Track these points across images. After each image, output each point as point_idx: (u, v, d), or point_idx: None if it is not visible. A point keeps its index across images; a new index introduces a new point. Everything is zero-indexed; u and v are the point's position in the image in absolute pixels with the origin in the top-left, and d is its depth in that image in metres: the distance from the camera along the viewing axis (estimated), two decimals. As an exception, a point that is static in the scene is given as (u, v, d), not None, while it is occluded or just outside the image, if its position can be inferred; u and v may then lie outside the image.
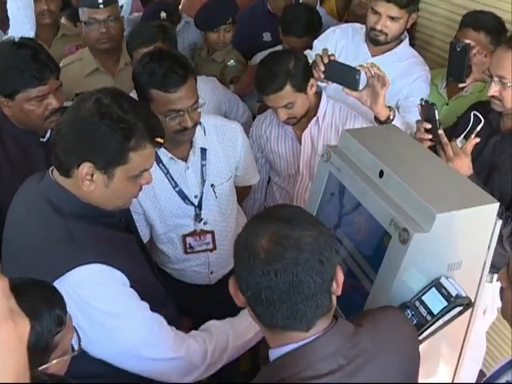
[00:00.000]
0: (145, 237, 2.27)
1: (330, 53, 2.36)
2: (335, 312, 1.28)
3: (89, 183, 1.51)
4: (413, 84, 2.72)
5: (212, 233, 2.31)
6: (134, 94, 2.69)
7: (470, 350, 2.06)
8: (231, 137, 2.30)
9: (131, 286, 1.58)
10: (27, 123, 2.15)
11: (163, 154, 2.14)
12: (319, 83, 2.53)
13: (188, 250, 2.33)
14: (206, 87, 2.80)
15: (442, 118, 2.67)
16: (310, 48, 2.95)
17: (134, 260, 1.65)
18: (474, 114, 2.00)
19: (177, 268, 2.41)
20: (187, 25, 3.63)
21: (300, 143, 2.56)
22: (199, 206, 2.26)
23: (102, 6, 2.90)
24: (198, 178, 2.23)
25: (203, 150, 2.22)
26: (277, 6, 3.56)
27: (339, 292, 1.25)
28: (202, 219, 2.28)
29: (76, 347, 1.33)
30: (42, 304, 1.23)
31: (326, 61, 2.31)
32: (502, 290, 1.39)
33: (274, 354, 1.24)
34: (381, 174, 1.62)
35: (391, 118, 2.28)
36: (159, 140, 1.58)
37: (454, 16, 2.92)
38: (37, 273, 1.39)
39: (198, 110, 2.06)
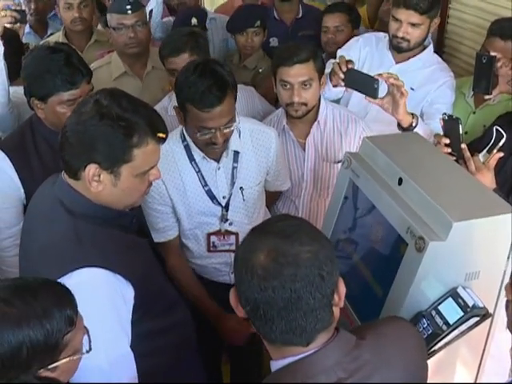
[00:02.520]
0: (173, 231, 2.30)
1: (347, 59, 2.36)
2: (349, 320, 1.27)
3: (96, 184, 1.54)
4: (437, 90, 2.70)
5: (236, 234, 2.32)
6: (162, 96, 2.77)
7: (493, 364, 2.03)
8: (265, 142, 2.31)
9: (135, 290, 1.58)
10: (59, 126, 2.16)
11: (197, 153, 2.19)
12: (336, 90, 2.54)
13: (211, 249, 2.35)
14: (242, 96, 2.82)
15: (469, 126, 2.66)
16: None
17: (143, 263, 1.66)
18: (497, 129, 1.97)
19: (199, 263, 2.42)
20: (213, 21, 3.68)
21: (303, 150, 2.56)
22: (226, 207, 2.28)
23: (129, 11, 2.96)
24: (227, 180, 2.25)
25: (236, 153, 2.24)
26: (283, 12, 3.68)
27: (341, 304, 1.24)
28: (227, 220, 2.30)
29: (87, 347, 1.35)
30: (54, 304, 1.25)
31: (344, 69, 2.31)
32: (507, 302, 1.35)
33: (274, 366, 1.23)
34: (400, 181, 1.62)
35: (414, 125, 2.27)
36: (161, 135, 1.60)
37: (483, 23, 2.88)
38: (44, 272, 1.42)
39: (232, 126, 2.08)
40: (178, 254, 2.36)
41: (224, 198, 2.27)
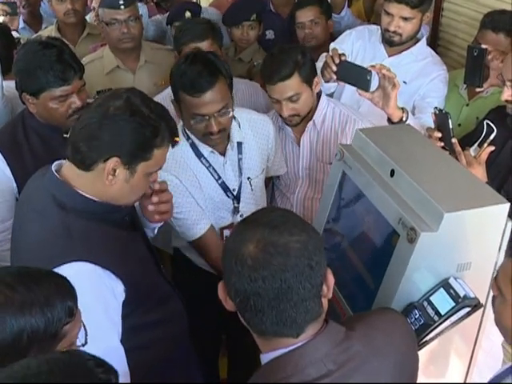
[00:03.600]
0: (206, 221, 2.27)
1: (340, 52, 2.35)
2: (342, 311, 1.27)
3: (112, 178, 1.56)
4: (429, 84, 2.71)
5: None
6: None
7: (487, 357, 2.04)
8: (264, 130, 2.34)
9: (125, 286, 1.58)
10: (51, 120, 2.19)
11: (204, 148, 2.20)
12: (328, 84, 2.53)
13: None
14: (247, 91, 2.84)
15: (463, 119, 2.67)
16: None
17: (134, 258, 1.66)
18: (487, 124, 1.98)
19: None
20: (202, 14, 3.65)
21: (299, 146, 2.55)
22: (238, 199, 2.30)
23: (122, 6, 2.95)
24: (235, 172, 2.28)
25: (239, 144, 2.27)
26: (279, 5, 3.69)
27: (330, 295, 1.25)
28: (239, 211, 2.32)
29: (83, 341, 1.35)
30: (56, 294, 1.25)
31: (337, 61, 2.30)
32: (493, 298, 1.36)
33: (264, 358, 1.23)
34: (392, 172, 1.62)
35: (404, 119, 2.27)
36: (177, 139, 1.66)
37: (478, 16, 2.86)
38: (33, 265, 1.41)
39: (229, 115, 2.09)
40: (218, 243, 2.28)
41: (234, 190, 2.29)
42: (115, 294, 1.58)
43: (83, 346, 1.35)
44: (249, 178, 2.30)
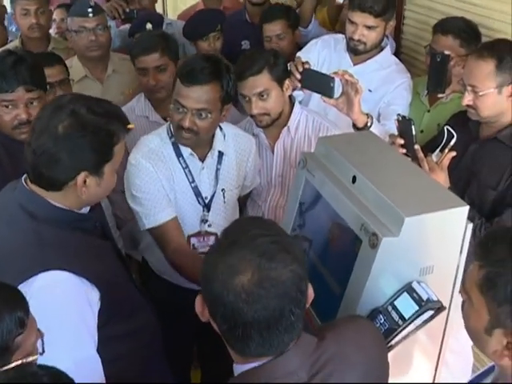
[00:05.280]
0: (171, 209, 2.23)
1: (303, 60, 2.37)
2: (309, 318, 1.28)
3: (85, 189, 1.58)
4: (394, 91, 2.74)
5: (216, 235, 2.32)
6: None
7: (457, 359, 2.06)
8: (246, 147, 2.36)
9: (101, 294, 1.58)
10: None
11: (184, 149, 2.21)
12: (295, 93, 2.55)
13: None
14: None
15: (424, 125, 2.71)
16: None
17: (107, 266, 1.66)
18: (447, 129, 2.01)
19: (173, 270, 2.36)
20: (170, 26, 3.69)
21: (273, 154, 2.56)
22: (208, 208, 2.30)
23: (91, 14, 3.03)
24: (211, 181, 2.28)
25: (220, 154, 2.27)
26: (255, 15, 3.67)
27: (308, 305, 1.25)
28: (207, 221, 2.31)
29: (40, 350, 1.33)
30: (3, 306, 1.24)
31: (300, 69, 2.33)
32: (462, 303, 1.37)
33: (237, 369, 1.23)
34: (354, 179, 1.63)
35: (369, 124, 2.30)
36: (130, 126, 1.69)
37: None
38: (6, 276, 1.41)
39: (207, 120, 2.09)
40: (180, 236, 2.27)
41: (206, 198, 2.29)
42: (91, 303, 1.58)
43: (41, 354, 1.33)
44: (223, 190, 2.30)
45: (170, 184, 2.22)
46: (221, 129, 2.26)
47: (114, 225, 2.83)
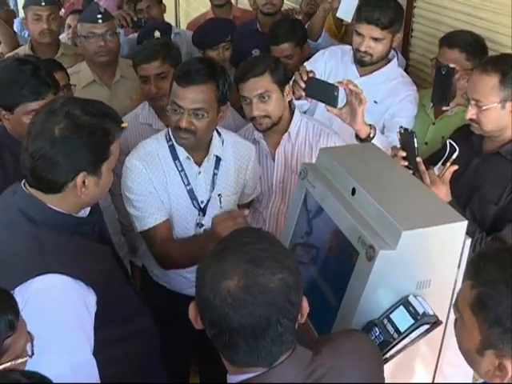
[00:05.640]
0: (162, 212, 2.25)
1: (308, 69, 2.39)
2: (305, 329, 1.26)
3: (84, 189, 1.60)
4: (399, 104, 2.74)
5: None
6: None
7: (455, 372, 2.05)
8: (245, 155, 2.37)
9: (98, 298, 1.59)
10: (24, 136, 2.20)
11: (181, 152, 2.22)
12: (300, 102, 2.57)
13: None
14: None
15: (429, 137, 2.70)
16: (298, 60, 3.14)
17: (104, 270, 1.67)
18: (450, 143, 2.01)
19: (167, 273, 2.40)
20: (178, 36, 3.74)
21: (273, 160, 2.57)
22: (203, 212, 2.30)
23: (100, 20, 3.06)
24: (207, 185, 2.29)
25: (218, 159, 2.29)
26: (266, 24, 3.70)
27: (303, 320, 1.24)
28: (203, 225, 2.31)
29: (30, 352, 1.34)
30: None
31: (304, 78, 2.34)
32: (455, 321, 1.35)
33: (231, 379, 1.22)
34: (353, 191, 1.63)
35: (371, 135, 2.30)
36: (124, 125, 1.71)
37: (443, 36, 2.94)
38: (4, 279, 1.44)
39: (203, 120, 2.11)
40: (167, 234, 2.29)
41: (202, 202, 2.29)
42: (88, 306, 1.59)
43: (30, 357, 1.34)
44: (219, 195, 2.31)
45: (163, 186, 2.24)
46: (219, 134, 2.28)
47: (120, 231, 2.85)
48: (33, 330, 1.36)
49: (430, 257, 1.50)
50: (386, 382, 1.42)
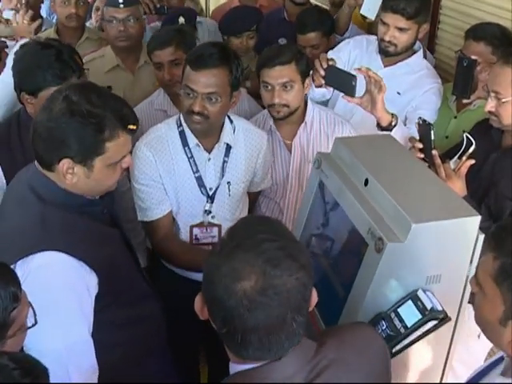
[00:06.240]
0: (165, 206, 2.27)
1: (328, 57, 2.37)
2: (313, 321, 1.24)
3: (71, 176, 1.58)
4: (422, 96, 2.70)
5: (219, 226, 2.33)
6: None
7: (467, 372, 2.01)
8: (257, 143, 2.35)
9: (100, 278, 1.60)
10: None
11: (191, 138, 2.22)
12: (322, 91, 2.54)
13: (193, 242, 2.34)
14: None
15: (450, 131, 2.65)
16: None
17: (110, 253, 1.67)
18: (466, 136, 1.97)
19: None
20: (200, 25, 3.71)
21: (289, 151, 2.55)
22: (212, 199, 2.30)
23: (122, 5, 3.04)
24: (216, 172, 2.28)
25: (228, 147, 2.28)
26: (293, 13, 3.64)
27: (310, 309, 1.21)
28: (211, 212, 2.31)
29: (32, 321, 1.36)
30: None
31: (324, 65, 2.31)
32: (472, 295, 1.36)
33: (233, 368, 1.21)
34: (366, 182, 1.61)
35: (393, 124, 2.26)
36: (132, 127, 1.64)
37: (471, 29, 2.88)
38: (7, 253, 1.47)
39: (216, 104, 2.11)
40: (169, 228, 2.32)
41: (211, 189, 2.29)
42: (88, 287, 1.59)
43: (33, 325, 1.36)
44: (229, 183, 2.30)
45: (169, 175, 2.23)
46: (231, 121, 2.26)
47: (137, 217, 2.85)
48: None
49: (441, 251, 1.47)
50: (392, 376, 1.40)
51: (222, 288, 1.11)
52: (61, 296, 1.53)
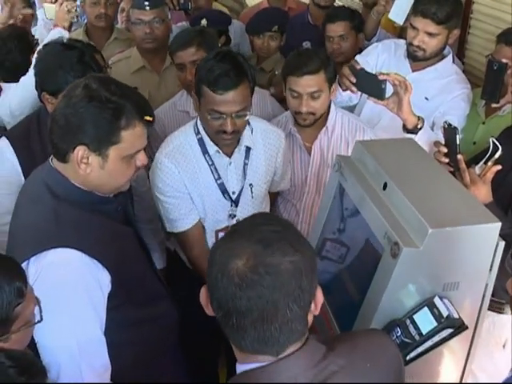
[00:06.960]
0: (194, 216, 2.27)
1: (359, 64, 2.36)
2: (328, 325, 1.22)
3: (85, 166, 1.58)
4: (451, 101, 2.65)
5: None
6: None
7: (487, 378, 1.97)
8: (275, 142, 2.34)
9: (112, 277, 1.60)
10: None
11: (210, 146, 2.20)
12: (346, 95, 2.52)
13: None
14: (255, 97, 2.82)
15: (478, 137, 2.60)
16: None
17: (123, 251, 1.67)
18: (493, 141, 1.92)
19: None
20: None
21: (309, 154, 2.54)
22: (236, 203, 2.29)
23: (148, 7, 3.05)
24: (238, 176, 2.27)
25: (248, 149, 2.26)
26: (318, 17, 3.64)
27: (317, 313, 1.20)
28: (235, 216, 2.30)
29: (38, 317, 1.36)
30: (2, 277, 1.27)
31: (358, 68, 2.31)
32: (511, 298, 1.33)
33: (239, 368, 1.20)
34: (385, 186, 1.59)
35: (419, 126, 2.24)
36: (148, 118, 1.64)
37: (503, 34, 2.82)
38: (20, 249, 1.48)
39: (245, 118, 2.10)
40: (202, 243, 2.32)
41: (234, 193, 2.28)
42: (101, 285, 1.59)
43: (39, 322, 1.36)
44: (251, 185, 2.28)
45: (193, 183, 2.22)
46: (248, 123, 2.24)
47: (157, 217, 2.86)
48: (44, 301, 1.38)
49: (459, 258, 1.44)
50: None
51: (216, 268, 1.13)
52: (73, 293, 1.53)
